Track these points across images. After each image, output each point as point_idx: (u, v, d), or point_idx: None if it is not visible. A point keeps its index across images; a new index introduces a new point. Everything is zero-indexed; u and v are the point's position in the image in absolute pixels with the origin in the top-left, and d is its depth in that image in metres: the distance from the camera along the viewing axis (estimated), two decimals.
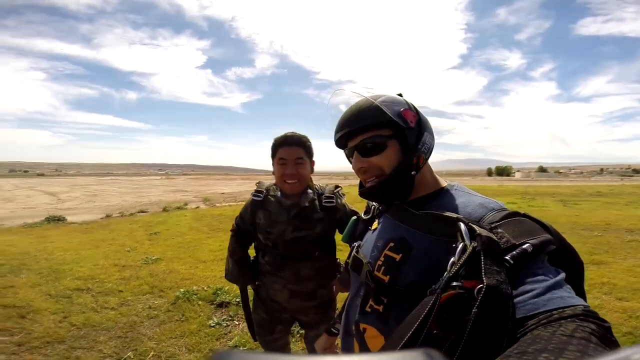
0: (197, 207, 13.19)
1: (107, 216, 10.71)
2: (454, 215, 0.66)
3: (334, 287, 1.56)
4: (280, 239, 1.52)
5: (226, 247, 1.73)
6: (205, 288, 3.93)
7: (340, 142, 0.86)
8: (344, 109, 0.84)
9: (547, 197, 17.32)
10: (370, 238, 0.89)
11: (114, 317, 3.23)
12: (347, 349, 0.88)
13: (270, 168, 1.61)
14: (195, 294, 3.73)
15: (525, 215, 0.65)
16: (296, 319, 1.68)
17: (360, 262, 0.83)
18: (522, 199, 15.58)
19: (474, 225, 0.60)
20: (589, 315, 0.46)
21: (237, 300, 3.49)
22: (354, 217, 1.05)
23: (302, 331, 1.78)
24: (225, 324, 3.11)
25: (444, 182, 0.84)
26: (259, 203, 1.60)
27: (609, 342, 0.42)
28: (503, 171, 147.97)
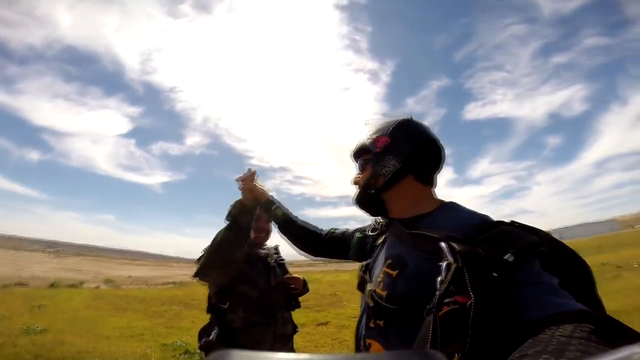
0: (97, 287, 11.11)
1: None
2: (435, 235, 0.68)
3: None
4: (266, 287, 1.56)
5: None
6: None
7: None
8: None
9: None
10: (377, 256, 0.91)
11: None
12: None
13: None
14: None
15: (512, 223, 0.71)
16: None
17: (364, 281, 0.87)
18: None
19: (453, 244, 0.60)
20: (584, 315, 0.47)
21: None
22: (359, 235, 1.06)
23: None
24: None
25: (439, 202, 0.88)
26: None
27: (610, 337, 0.40)
28: None
